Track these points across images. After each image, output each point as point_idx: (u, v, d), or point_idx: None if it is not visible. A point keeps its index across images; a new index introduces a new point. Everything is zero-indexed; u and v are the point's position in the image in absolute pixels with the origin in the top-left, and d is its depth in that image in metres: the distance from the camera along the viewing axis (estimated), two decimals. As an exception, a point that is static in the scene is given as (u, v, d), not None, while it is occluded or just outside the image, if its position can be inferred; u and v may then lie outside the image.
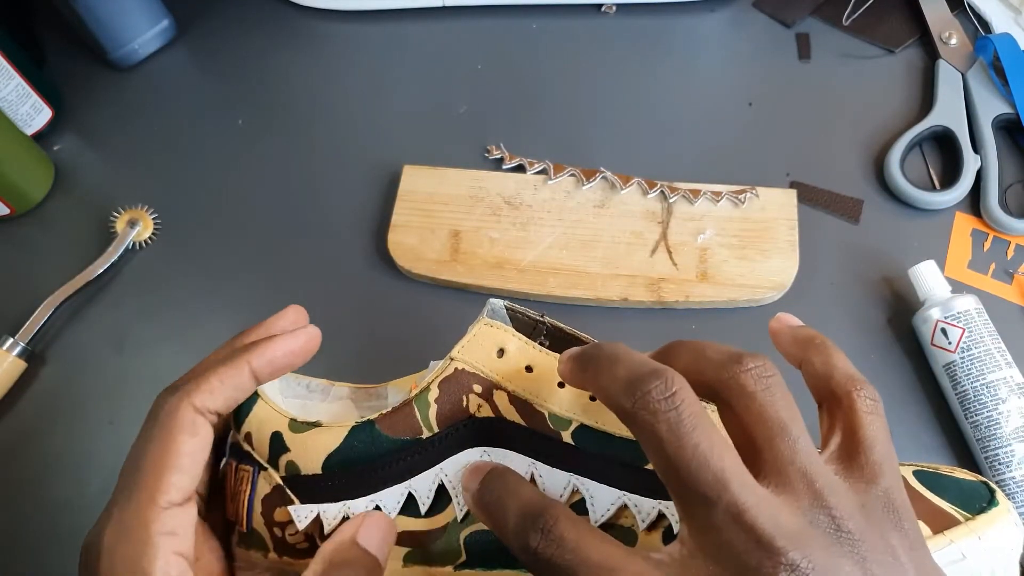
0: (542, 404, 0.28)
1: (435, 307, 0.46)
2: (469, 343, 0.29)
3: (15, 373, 0.45)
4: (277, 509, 0.28)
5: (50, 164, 0.52)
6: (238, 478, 0.29)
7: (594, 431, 0.28)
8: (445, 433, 0.28)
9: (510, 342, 0.29)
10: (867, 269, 0.45)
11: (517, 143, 0.51)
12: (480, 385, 0.28)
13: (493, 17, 0.58)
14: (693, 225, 0.46)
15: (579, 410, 0.28)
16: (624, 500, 0.27)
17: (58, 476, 0.43)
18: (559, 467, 0.27)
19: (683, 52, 0.55)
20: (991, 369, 0.39)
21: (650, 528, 0.26)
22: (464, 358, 0.29)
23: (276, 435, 0.28)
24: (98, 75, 0.57)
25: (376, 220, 0.49)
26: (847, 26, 0.54)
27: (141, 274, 0.49)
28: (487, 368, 0.29)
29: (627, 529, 0.27)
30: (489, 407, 0.28)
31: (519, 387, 0.28)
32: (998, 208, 0.45)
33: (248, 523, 0.29)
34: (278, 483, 0.28)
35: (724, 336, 0.44)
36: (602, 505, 0.27)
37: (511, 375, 0.29)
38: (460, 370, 0.28)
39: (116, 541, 0.24)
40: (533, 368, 0.29)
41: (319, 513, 0.28)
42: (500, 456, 0.28)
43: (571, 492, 0.27)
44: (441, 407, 0.28)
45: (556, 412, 0.28)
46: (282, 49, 0.58)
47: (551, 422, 0.28)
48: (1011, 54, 0.48)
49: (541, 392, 0.29)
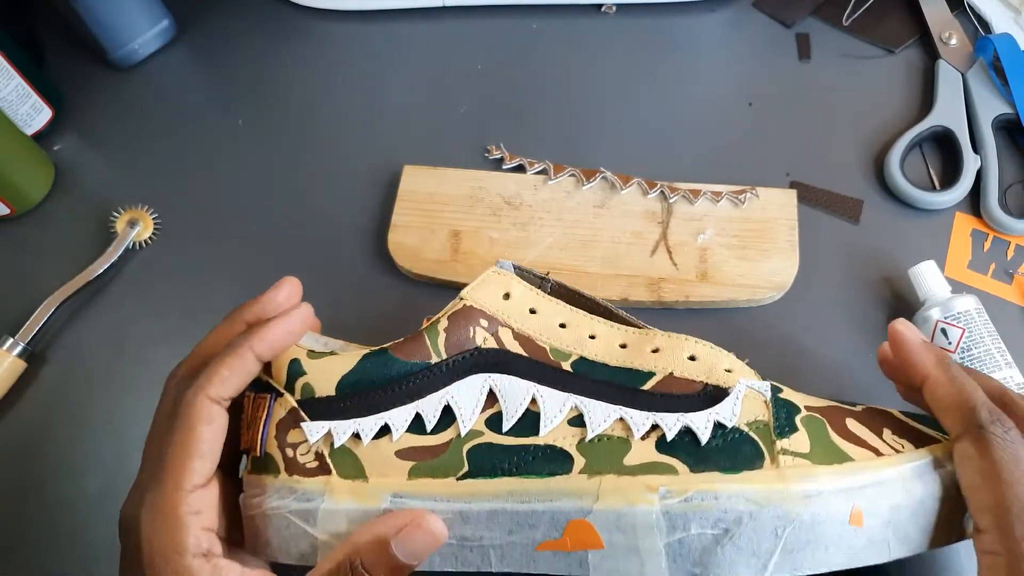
0: (544, 340, 0.31)
1: (435, 307, 0.46)
2: (478, 284, 0.32)
3: (15, 373, 0.45)
4: (291, 431, 0.30)
5: (50, 164, 0.52)
6: (255, 406, 0.31)
7: (592, 362, 0.31)
8: (452, 360, 0.30)
9: (516, 287, 0.32)
10: (867, 269, 0.45)
11: (517, 143, 0.51)
12: (487, 321, 0.31)
13: (493, 17, 0.58)
14: (693, 225, 0.46)
15: (578, 345, 0.31)
16: (620, 413, 0.29)
17: (58, 476, 0.43)
18: (559, 389, 0.30)
19: (683, 52, 0.55)
20: (991, 369, 0.39)
21: (644, 437, 0.29)
22: (473, 296, 0.31)
23: (295, 361, 0.31)
24: (98, 75, 0.57)
25: (376, 220, 0.49)
26: (847, 26, 0.54)
27: (141, 274, 0.49)
28: (494, 307, 0.31)
29: (622, 439, 0.29)
30: (494, 340, 0.31)
31: (523, 325, 0.31)
32: (998, 208, 0.45)
33: (262, 447, 0.30)
34: (293, 406, 0.30)
35: (724, 336, 0.44)
36: (598, 418, 0.29)
37: (516, 315, 0.31)
38: (469, 306, 0.31)
39: (152, 524, 0.27)
40: (536, 311, 0.32)
41: (330, 429, 0.29)
42: (503, 381, 0.30)
43: (570, 409, 0.29)
44: (450, 336, 0.30)
45: (557, 347, 0.31)
46: (282, 49, 0.58)
47: (552, 355, 0.31)
48: (1011, 54, 0.48)
49: (543, 331, 0.31)
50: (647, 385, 0.30)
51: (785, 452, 0.28)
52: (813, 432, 0.29)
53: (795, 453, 0.28)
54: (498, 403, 0.29)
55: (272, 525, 0.30)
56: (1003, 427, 0.26)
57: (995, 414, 0.27)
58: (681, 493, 0.27)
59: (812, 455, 0.28)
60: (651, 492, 0.27)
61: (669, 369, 0.30)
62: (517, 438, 0.29)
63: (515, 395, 0.29)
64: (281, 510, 0.30)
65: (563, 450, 0.29)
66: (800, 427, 0.29)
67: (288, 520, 0.29)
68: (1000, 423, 0.26)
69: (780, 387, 0.31)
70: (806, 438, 0.28)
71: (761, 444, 0.28)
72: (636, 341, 0.31)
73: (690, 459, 0.28)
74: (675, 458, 0.28)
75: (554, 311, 0.32)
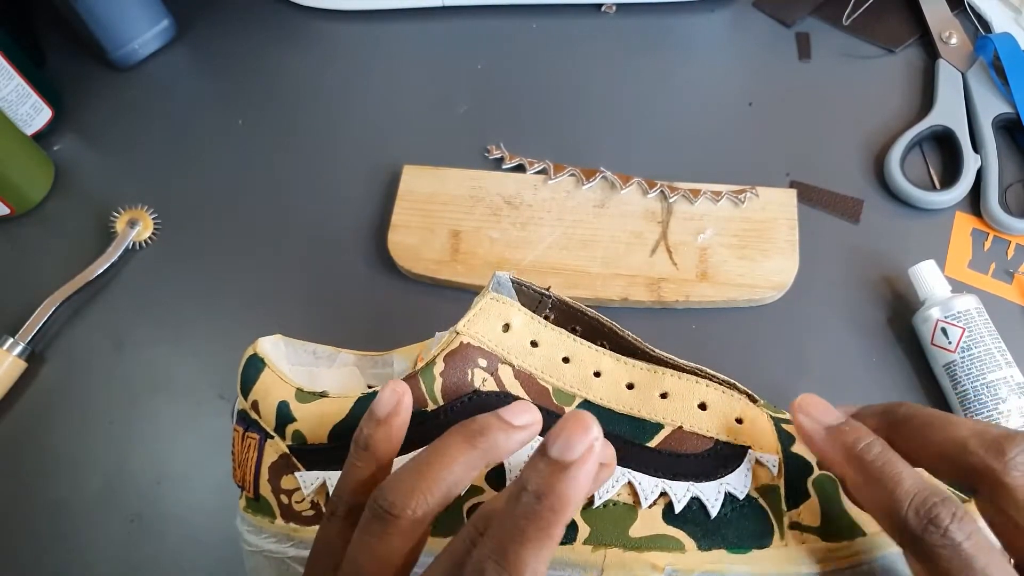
0: (547, 379, 0.29)
1: (435, 307, 0.46)
2: (475, 316, 0.29)
3: (15, 373, 0.45)
4: (284, 476, 0.29)
5: (50, 164, 0.52)
6: (245, 445, 0.30)
7: (597, 407, 0.29)
8: (449, 406, 0.28)
9: (516, 317, 0.29)
10: (867, 269, 0.45)
11: (517, 143, 0.51)
12: (485, 359, 0.29)
13: (493, 17, 0.58)
14: (693, 225, 0.46)
15: (582, 385, 0.29)
16: (628, 478, 0.27)
17: (58, 476, 0.43)
18: None
19: (683, 52, 0.55)
20: (991, 369, 0.39)
21: (651, 505, 0.27)
22: (470, 332, 0.29)
23: (283, 404, 0.29)
24: (98, 75, 0.57)
25: (376, 220, 0.49)
26: (847, 26, 0.54)
27: (141, 274, 0.49)
28: (492, 342, 0.29)
29: (629, 506, 0.27)
30: (494, 381, 0.29)
31: (524, 362, 0.29)
32: (998, 208, 0.45)
33: (255, 490, 0.29)
34: (284, 451, 0.29)
35: (724, 336, 0.44)
36: (606, 483, 0.27)
37: (516, 350, 0.29)
38: (465, 344, 0.29)
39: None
40: (538, 343, 0.29)
41: (324, 480, 0.28)
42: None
43: None
44: (446, 380, 0.28)
45: (560, 387, 0.29)
46: (282, 49, 0.58)
47: (555, 397, 0.29)
48: (1011, 54, 0.48)
49: (546, 367, 0.29)
50: (654, 441, 0.28)
51: (795, 526, 0.27)
52: (824, 498, 0.27)
53: (805, 528, 0.27)
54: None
55: (272, 566, 0.29)
56: (939, 530, 0.21)
57: (926, 515, 0.21)
58: (688, 572, 0.26)
59: (822, 529, 0.27)
60: (657, 571, 0.26)
61: (678, 422, 0.28)
62: None
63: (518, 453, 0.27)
64: (280, 555, 0.29)
65: None
66: (812, 493, 0.27)
67: (288, 565, 0.29)
68: (934, 525, 0.21)
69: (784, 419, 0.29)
70: (817, 507, 0.27)
71: (771, 515, 0.27)
72: (644, 382, 0.29)
73: (698, 532, 0.27)
74: (683, 531, 0.27)
75: (557, 343, 0.30)
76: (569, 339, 0.30)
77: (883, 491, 0.22)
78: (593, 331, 0.31)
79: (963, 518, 0.21)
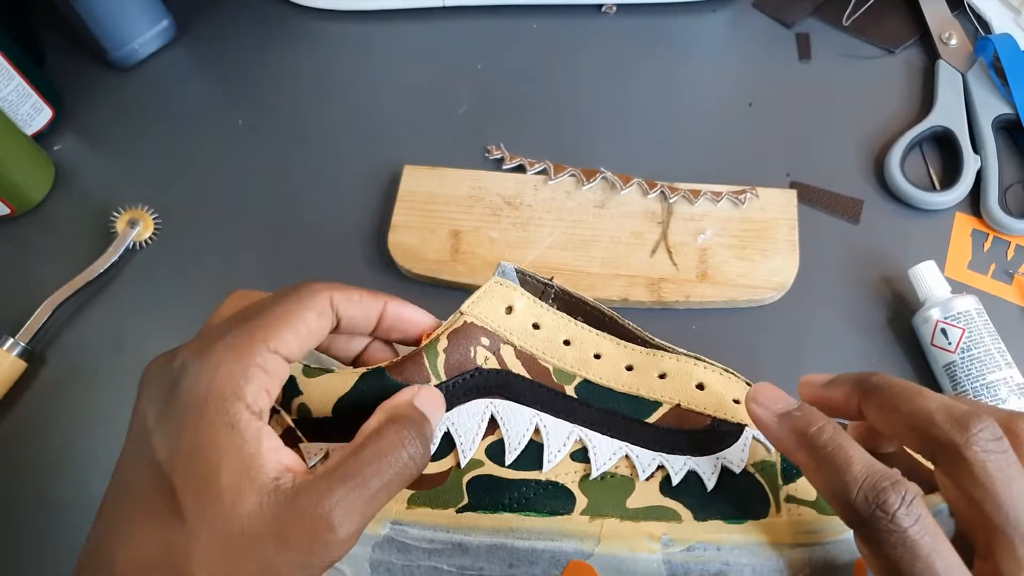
0: (547, 360, 0.30)
1: (435, 307, 0.46)
2: (479, 298, 0.30)
3: (15, 373, 0.45)
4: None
5: (50, 164, 0.52)
6: None
7: (596, 385, 0.30)
8: (452, 382, 0.29)
9: (518, 300, 0.30)
10: (867, 269, 0.45)
11: (517, 143, 0.51)
12: (488, 338, 0.30)
13: (493, 17, 0.58)
14: (693, 225, 0.46)
15: (582, 366, 0.30)
16: (626, 451, 0.28)
17: (58, 476, 0.43)
18: (563, 419, 0.29)
19: (683, 52, 0.55)
20: (991, 369, 0.39)
21: (648, 478, 0.28)
22: (473, 312, 0.30)
23: (290, 379, 0.29)
24: (98, 75, 0.57)
25: (376, 220, 0.49)
26: (847, 26, 0.54)
27: (141, 274, 0.49)
28: (495, 323, 0.30)
29: (626, 478, 0.28)
30: (496, 360, 0.29)
31: (525, 343, 0.30)
32: (998, 208, 0.45)
33: None
34: (289, 425, 0.29)
35: (724, 336, 0.44)
36: (604, 455, 0.28)
37: (518, 331, 0.30)
38: (469, 323, 0.30)
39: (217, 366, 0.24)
40: (540, 326, 0.30)
41: (328, 451, 0.29)
42: (505, 408, 0.29)
43: (574, 442, 0.28)
44: (450, 357, 0.29)
45: (561, 367, 0.30)
46: (282, 49, 0.58)
47: (555, 376, 0.30)
48: (1011, 54, 0.48)
49: (547, 349, 0.30)
50: (653, 417, 0.29)
51: (790, 499, 0.27)
52: None
53: (800, 501, 0.27)
54: (499, 429, 0.29)
55: None
56: (887, 515, 0.21)
57: (875, 499, 0.21)
58: (684, 542, 0.26)
59: (818, 502, 0.27)
60: (653, 540, 0.26)
61: (676, 400, 0.29)
62: (519, 472, 0.28)
63: (518, 425, 0.28)
64: None
65: (565, 487, 0.28)
66: None
67: None
68: (882, 510, 0.21)
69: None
70: None
71: (767, 489, 0.28)
72: (643, 363, 0.30)
73: (695, 503, 0.27)
74: (679, 503, 0.27)
75: (558, 326, 0.30)
76: (570, 323, 0.31)
77: (833, 475, 0.23)
78: (594, 321, 0.32)
79: (911, 503, 0.21)
